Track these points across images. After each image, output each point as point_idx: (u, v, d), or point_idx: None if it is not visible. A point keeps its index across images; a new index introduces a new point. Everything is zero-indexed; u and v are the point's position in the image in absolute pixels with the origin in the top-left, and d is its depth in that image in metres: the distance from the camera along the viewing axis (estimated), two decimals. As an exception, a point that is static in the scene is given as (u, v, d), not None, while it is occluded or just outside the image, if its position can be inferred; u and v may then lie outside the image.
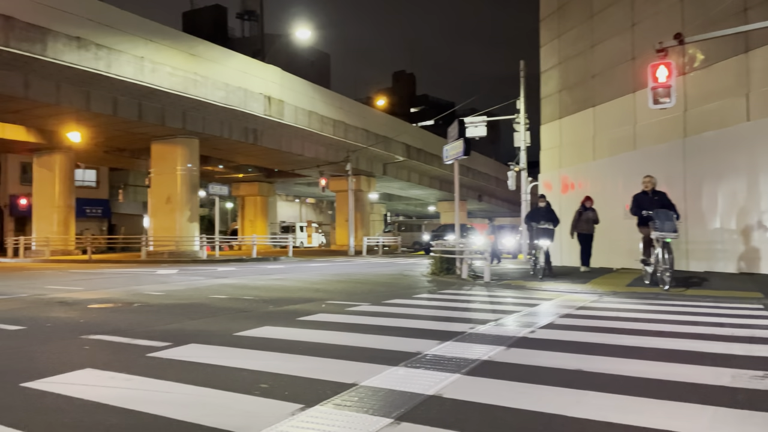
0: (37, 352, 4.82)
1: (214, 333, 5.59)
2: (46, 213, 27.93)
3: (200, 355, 4.53)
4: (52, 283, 11.95)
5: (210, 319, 6.67)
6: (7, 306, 8.02)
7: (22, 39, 15.80)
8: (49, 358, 4.54)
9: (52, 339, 5.39)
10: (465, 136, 13.31)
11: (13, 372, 4.04)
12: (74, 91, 19.03)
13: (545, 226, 11.89)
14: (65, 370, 4.01)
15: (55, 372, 3.96)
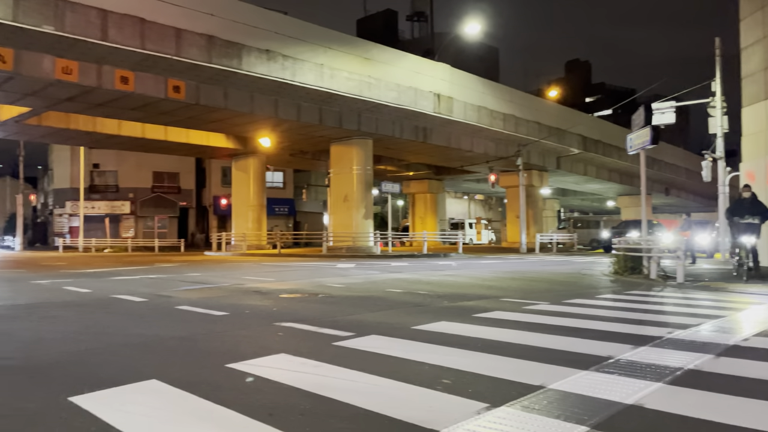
0: (239, 336, 5.28)
1: (393, 325, 5.70)
2: (243, 211, 31.02)
3: (381, 346, 4.62)
4: (247, 274, 13.18)
5: (388, 311, 6.83)
6: (212, 294, 8.97)
7: (222, 55, 17.69)
8: (249, 342, 4.95)
9: (251, 325, 5.89)
10: (651, 124, 12.18)
11: (220, 353, 4.45)
12: (265, 100, 20.88)
13: (750, 221, 10.46)
14: (263, 354, 4.33)
15: (254, 355, 4.29)
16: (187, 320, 6.26)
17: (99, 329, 5.72)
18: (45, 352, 4.59)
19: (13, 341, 5.05)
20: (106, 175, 48.32)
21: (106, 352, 4.60)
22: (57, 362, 4.21)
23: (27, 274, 13.86)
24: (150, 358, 4.34)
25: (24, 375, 3.82)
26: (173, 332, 5.49)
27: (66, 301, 8.12)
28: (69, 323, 6.14)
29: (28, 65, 15.60)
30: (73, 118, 23.79)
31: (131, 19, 15.71)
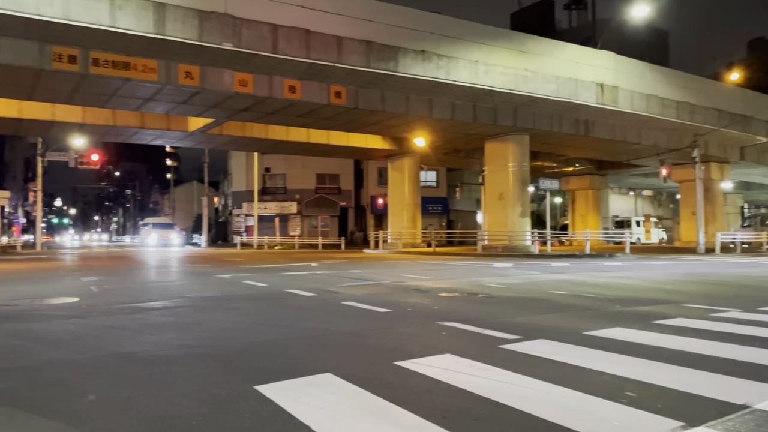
0: (404, 334, 5.34)
1: (563, 330, 5.40)
2: (398, 210, 31.76)
3: (552, 351, 4.40)
4: (406, 272, 13.41)
5: (554, 314, 6.51)
6: (374, 291, 9.23)
7: (380, 59, 18.21)
8: (414, 341, 4.98)
9: (414, 323, 5.94)
10: None
11: (388, 350, 4.53)
12: (419, 100, 21.15)
13: None
14: (429, 353, 4.32)
15: (421, 354, 4.30)
16: (353, 316, 6.48)
17: (276, 321, 6.13)
18: (232, 341, 4.99)
19: (205, 330, 5.57)
20: (276, 179, 52.26)
21: (283, 343, 4.90)
22: (242, 351, 4.55)
23: (212, 269, 15.37)
24: (323, 352, 4.53)
25: (216, 363, 4.18)
26: (342, 327, 5.70)
27: (246, 294, 8.84)
28: (250, 315, 6.65)
29: (212, 80, 17.30)
30: (248, 126, 25.99)
31: (298, 31, 16.74)
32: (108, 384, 3.59)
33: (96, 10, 13.95)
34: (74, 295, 8.67)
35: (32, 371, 3.93)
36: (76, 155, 41.62)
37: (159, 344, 4.86)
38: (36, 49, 14.77)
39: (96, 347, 4.74)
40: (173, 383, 3.57)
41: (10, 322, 6.15)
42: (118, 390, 3.45)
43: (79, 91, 17.53)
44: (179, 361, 4.20)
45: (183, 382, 3.59)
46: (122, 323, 6.00)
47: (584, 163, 35.65)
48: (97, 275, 13.37)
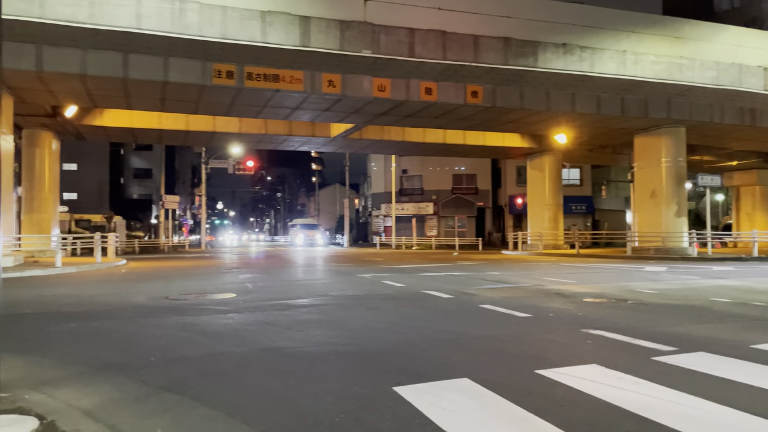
0: (545, 341, 5.15)
1: (726, 342, 4.90)
2: (538, 210, 30.74)
3: (714, 366, 4.00)
4: (547, 275, 12.95)
5: (716, 324, 5.92)
6: (513, 294, 9.02)
7: (518, 55, 17.76)
8: (557, 348, 4.78)
9: (556, 329, 5.71)
10: None
11: (528, 357, 4.40)
12: (561, 95, 20.30)
13: None
14: (572, 363, 4.13)
15: (563, 363, 4.12)
16: (491, 319, 6.38)
17: (414, 322, 6.21)
18: (372, 340, 5.15)
19: (347, 329, 5.79)
20: (412, 180, 53.05)
21: (421, 345, 4.95)
22: (382, 351, 4.67)
23: (353, 268, 15.95)
24: (460, 356, 4.51)
25: (357, 361, 4.33)
26: (480, 331, 5.64)
27: (385, 294, 9.06)
28: (389, 315, 6.81)
29: (352, 87, 17.97)
30: (386, 130, 26.64)
31: (434, 34, 16.84)
32: (261, 377, 3.86)
33: (249, 28, 15.07)
34: (232, 291, 9.44)
35: (197, 362, 4.33)
36: (234, 162, 45.22)
37: (306, 341, 5.14)
38: (199, 67, 16.30)
39: (250, 341, 5.12)
40: (319, 379, 3.75)
41: (179, 315, 6.85)
42: (270, 383, 3.69)
43: (235, 104, 19.05)
44: (324, 358, 4.40)
45: (327, 379, 3.76)
46: (274, 319, 6.43)
47: (750, 156, 32.04)
48: (252, 273, 14.45)
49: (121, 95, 17.63)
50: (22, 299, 8.65)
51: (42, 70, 14.91)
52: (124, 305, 7.89)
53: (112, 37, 14.42)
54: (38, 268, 15.36)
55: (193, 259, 22.82)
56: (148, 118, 22.81)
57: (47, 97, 17.88)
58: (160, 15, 14.26)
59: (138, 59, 15.66)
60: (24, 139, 22.32)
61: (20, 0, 13.13)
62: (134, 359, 4.44)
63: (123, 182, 72.89)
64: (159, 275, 14.05)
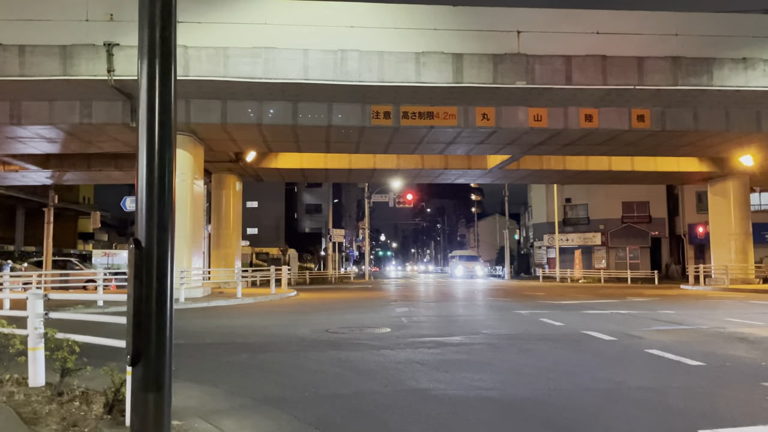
0: (717, 395, 4.63)
1: None
2: (723, 240, 27.66)
3: None
4: (730, 315, 11.56)
5: None
6: (687, 337, 8.19)
7: (689, 74, 16.38)
8: (729, 405, 4.28)
9: (732, 382, 5.10)
10: None
11: (694, 414, 3.99)
12: (743, 114, 18.27)
13: None
14: (748, 423, 3.67)
15: (736, 423, 3.68)
16: (657, 368, 5.87)
17: (568, 368, 5.91)
18: (519, 387, 5.00)
19: (496, 372, 5.69)
20: (577, 209, 50.79)
21: (572, 395, 4.71)
22: (528, 399, 4.52)
23: (511, 303, 15.58)
24: (614, 409, 4.22)
25: (500, 409, 4.24)
26: (640, 381, 5.22)
27: (541, 334, 8.74)
28: (542, 358, 6.56)
29: (506, 118, 17.83)
30: (545, 159, 25.91)
31: (593, 59, 16.19)
32: (403, 420, 3.94)
33: (405, 70, 15.72)
34: (387, 326, 9.73)
35: (346, 400, 4.55)
36: (395, 196, 46.83)
37: (451, 383, 5.14)
38: (359, 110, 17.30)
39: (397, 380, 5.25)
40: (457, 427, 3.74)
41: (336, 349, 7.22)
42: (411, 427, 3.76)
43: (393, 142, 19.86)
44: (467, 404, 4.38)
45: (466, 427, 3.73)
46: (422, 357, 6.52)
47: None
48: (409, 306, 14.76)
49: (291, 140, 19.26)
50: (207, 329, 9.71)
51: (226, 122, 16.85)
52: (288, 337, 8.50)
53: (284, 88, 15.89)
54: (222, 299, 17.11)
55: (356, 291, 23.87)
56: (316, 159, 24.58)
57: (231, 145, 20.09)
58: (324, 65, 15.45)
59: (305, 106, 17.04)
60: (213, 182, 25.23)
61: (208, 63, 15.05)
62: (291, 394, 4.78)
63: (297, 217, 78.93)
64: (324, 307, 14.91)
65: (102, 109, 16.37)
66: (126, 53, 14.75)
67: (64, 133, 17.75)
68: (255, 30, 15.25)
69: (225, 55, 15.08)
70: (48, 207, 28.17)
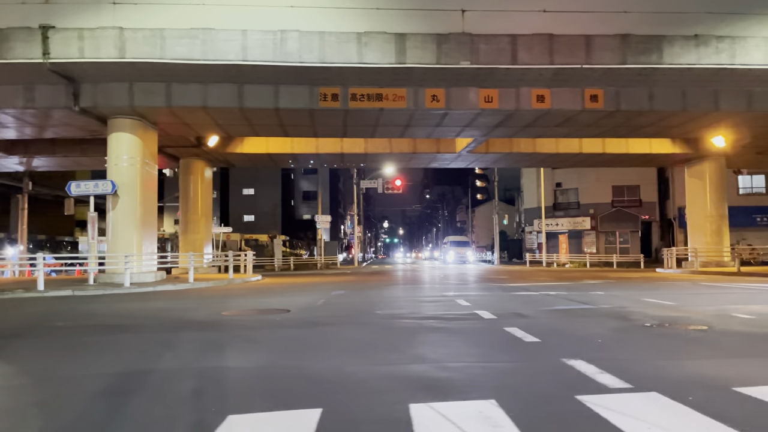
0: (485, 366, 4.53)
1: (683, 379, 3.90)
2: (699, 223, 27.31)
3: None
4: (653, 296, 11.34)
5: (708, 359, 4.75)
6: (567, 315, 8.08)
7: (639, 53, 15.99)
8: (467, 377, 4.18)
9: (534, 358, 4.98)
10: None
11: (419, 382, 3.90)
12: (700, 93, 17.91)
13: None
14: (460, 394, 3.57)
15: (456, 393, 3.58)
16: (482, 342, 5.77)
17: (390, 342, 5.83)
18: (309, 360, 4.94)
19: (294, 349, 5.61)
20: (567, 193, 50.41)
21: (348, 365, 4.63)
22: (290, 365, 4.45)
23: (455, 286, 15.55)
24: (388, 380, 4.13)
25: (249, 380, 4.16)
26: (438, 353, 5.12)
27: (434, 314, 8.65)
28: (383, 335, 6.47)
29: (457, 100, 17.60)
30: (515, 142, 25.63)
31: (539, 38, 15.88)
32: (181, 387, 3.88)
33: (346, 50, 15.52)
34: (297, 308, 9.67)
35: (110, 378, 4.50)
36: (384, 182, 46.60)
37: (245, 360, 5.09)
38: (306, 92, 17.15)
39: (202, 358, 5.20)
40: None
41: (194, 330, 7.19)
42: (155, 409, 3.70)
43: (348, 125, 19.71)
44: (240, 379, 4.31)
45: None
46: (262, 337, 6.47)
47: None
48: (347, 290, 14.72)
49: (244, 123, 19.17)
50: (110, 312, 9.71)
51: (171, 105, 16.78)
52: (173, 320, 8.47)
53: (226, 70, 15.77)
54: (173, 284, 17.13)
55: (329, 276, 23.85)
56: (282, 144, 24.48)
57: (186, 130, 20.02)
58: (264, 46, 15.29)
59: (251, 89, 16.93)
60: (181, 168, 25.25)
61: (145, 45, 14.94)
62: (71, 373, 4.74)
63: (293, 204, 78.89)
64: (268, 292, 14.84)
65: (45, 93, 16.36)
66: (62, 36, 14.68)
67: (13, 118, 17.77)
68: (192, 11, 15.10)
69: (162, 36, 14.96)
70: (23, 193, 28.39)
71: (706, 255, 26.29)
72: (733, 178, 43.25)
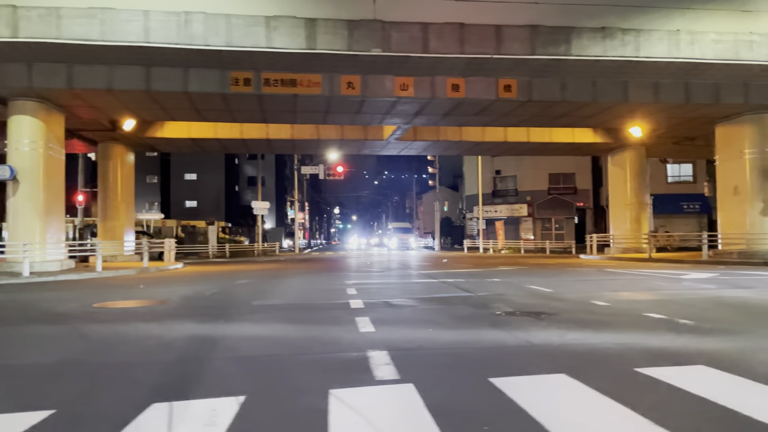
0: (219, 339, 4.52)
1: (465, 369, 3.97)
2: (620, 210, 28.20)
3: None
4: (541, 284, 11.63)
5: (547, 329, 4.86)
6: (416, 306, 8.17)
7: (547, 44, 16.27)
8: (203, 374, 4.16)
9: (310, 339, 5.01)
10: None
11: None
12: (609, 84, 18.37)
13: None
14: (202, 393, 3.53)
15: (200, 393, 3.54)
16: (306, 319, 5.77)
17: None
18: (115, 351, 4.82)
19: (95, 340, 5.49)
20: (506, 180, 51.23)
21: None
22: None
23: (362, 274, 15.58)
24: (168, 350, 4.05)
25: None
26: (242, 332, 5.09)
27: (298, 303, 8.61)
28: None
29: (373, 88, 17.53)
30: (442, 130, 25.82)
31: (450, 27, 15.95)
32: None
33: (254, 34, 15.21)
34: (182, 298, 9.49)
35: None
36: (326, 168, 46.23)
37: (62, 352, 4.93)
38: (217, 76, 16.76)
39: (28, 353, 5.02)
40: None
41: (47, 324, 6.94)
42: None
43: (266, 110, 19.42)
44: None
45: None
46: (95, 331, 6.30)
47: None
48: (258, 278, 14.57)
49: (156, 107, 18.64)
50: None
51: (73, 87, 16.12)
52: (36, 312, 8.21)
53: (131, 52, 15.23)
54: (77, 273, 16.58)
55: (258, 264, 23.57)
56: (205, 129, 23.94)
57: (96, 113, 19.30)
58: (167, 28, 14.83)
59: (159, 71, 16.43)
60: (99, 152, 24.39)
61: (41, 24, 14.28)
62: None
63: (238, 190, 77.51)
64: (174, 281, 14.51)
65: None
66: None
67: None
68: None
69: (58, 15, 14.32)
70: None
71: (626, 241, 27.19)
72: (662, 167, 44.83)
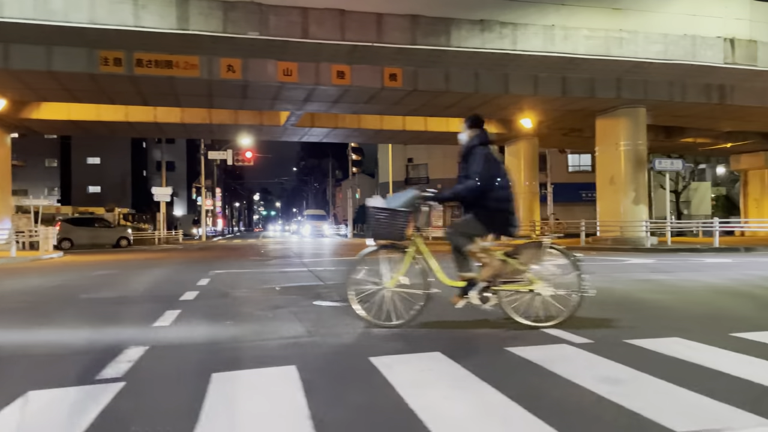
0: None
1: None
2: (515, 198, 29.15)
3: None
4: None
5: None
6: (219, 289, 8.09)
7: (428, 34, 16.46)
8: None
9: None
10: None
11: None
12: (491, 76, 18.87)
13: None
14: None
15: None
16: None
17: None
18: None
19: None
20: (419, 168, 51.87)
21: None
22: None
23: (227, 262, 15.32)
24: None
25: None
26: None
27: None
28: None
29: (255, 72, 17.16)
30: (340, 117, 25.71)
31: (331, 13, 15.81)
32: None
33: (120, 11, 14.46)
34: (19, 292, 8.89)
35: None
36: (234, 154, 45.06)
37: None
38: (85, 55, 15.86)
39: None
40: None
41: None
42: None
43: (142, 93, 18.63)
44: None
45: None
46: None
47: (753, 137, 29.41)
48: (126, 269, 13.98)
49: (21, 87, 17.48)
50: None
51: None
52: None
53: (-18, 27, 14.12)
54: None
55: (150, 253, 22.55)
56: (87, 111, 22.70)
57: (-48, 91, 17.88)
58: (23, 2, 13.84)
59: (19, 48, 15.38)
60: (-32, 134, 22.61)
61: None
62: None
63: (146, 175, 74.26)
64: (31, 273, 13.65)
65: None
66: None
67: None
68: (-70, -44, 13.30)
69: None
70: None
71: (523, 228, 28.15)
72: (563, 157, 46.78)
